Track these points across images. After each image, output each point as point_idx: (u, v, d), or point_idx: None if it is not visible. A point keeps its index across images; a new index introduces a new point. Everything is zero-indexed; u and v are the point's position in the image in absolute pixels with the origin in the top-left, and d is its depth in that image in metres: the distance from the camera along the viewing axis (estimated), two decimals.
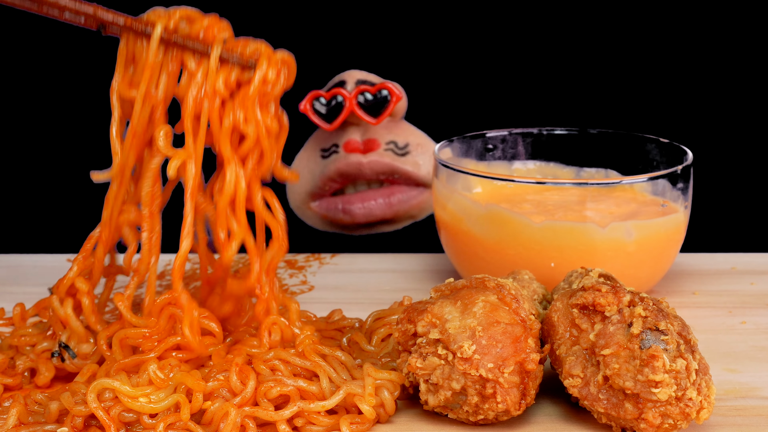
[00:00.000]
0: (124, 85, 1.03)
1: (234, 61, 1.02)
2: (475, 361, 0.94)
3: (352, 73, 1.33)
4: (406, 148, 1.30)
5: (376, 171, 1.30)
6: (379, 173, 1.30)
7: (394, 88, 1.30)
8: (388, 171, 1.30)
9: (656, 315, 0.95)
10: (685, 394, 0.93)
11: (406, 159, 1.31)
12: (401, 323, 0.99)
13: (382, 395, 0.98)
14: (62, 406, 0.98)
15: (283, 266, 1.32)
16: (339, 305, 1.21)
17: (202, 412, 0.97)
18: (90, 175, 1.05)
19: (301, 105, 1.33)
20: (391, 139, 1.31)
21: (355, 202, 1.32)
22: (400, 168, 1.31)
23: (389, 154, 1.30)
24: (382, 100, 1.30)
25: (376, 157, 1.30)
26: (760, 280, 1.28)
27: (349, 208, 1.32)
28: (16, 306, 1.16)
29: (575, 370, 0.96)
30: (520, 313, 0.97)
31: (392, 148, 1.30)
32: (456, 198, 1.21)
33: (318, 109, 1.32)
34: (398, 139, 1.31)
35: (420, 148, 1.32)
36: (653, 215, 1.19)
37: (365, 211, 1.32)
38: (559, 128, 1.32)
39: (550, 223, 1.16)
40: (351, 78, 1.33)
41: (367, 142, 1.31)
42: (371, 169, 1.30)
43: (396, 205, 1.32)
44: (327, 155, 1.32)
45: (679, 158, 1.23)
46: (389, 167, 1.30)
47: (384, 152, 1.31)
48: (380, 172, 1.30)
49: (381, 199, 1.31)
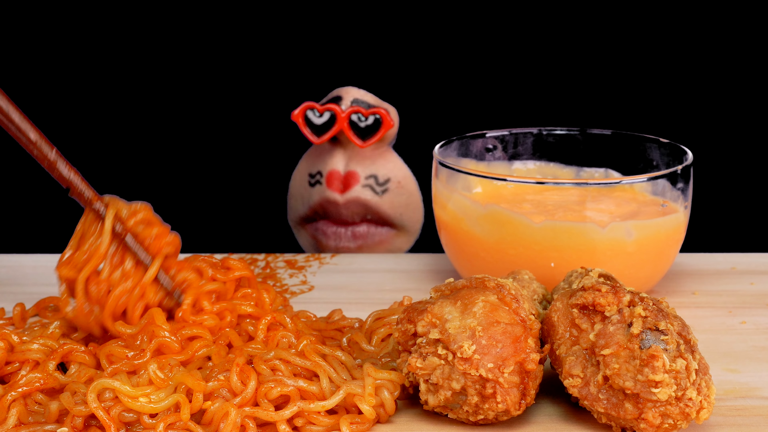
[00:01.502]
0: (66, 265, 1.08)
1: (165, 284, 1.09)
2: (475, 361, 0.94)
3: (350, 90, 1.34)
4: (385, 185, 1.33)
5: (351, 210, 1.34)
6: (354, 212, 1.34)
7: (386, 115, 1.31)
8: (362, 211, 1.34)
9: (656, 315, 0.95)
10: (685, 394, 0.93)
11: (383, 199, 1.33)
12: (401, 323, 0.99)
13: (382, 395, 0.98)
14: (62, 406, 0.98)
15: (283, 266, 1.32)
16: (339, 305, 1.21)
17: (202, 412, 0.97)
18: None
19: (293, 113, 1.33)
20: (372, 172, 1.33)
21: (330, 227, 1.36)
22: (374, 209, 1.34)
23: (367, 192, 1.33)
24: (374, 124, 1.31)
25: (353, 194, 1.33)
26: (760, 280, 1.28)
27: (325, 230, 1.36)
28: (16, 306, 1.16)
29: (575, 370, 0.96)
30: (520, 313, 0.97)
31: (371, 184, 1.33)
32: (456, 198, 1.21)
33: (311, 119, 1.33)
34: (380, 172, 1.34)
35: (399, 187, 1.34)
36: (653, 215, 1.19)
37: (334, 236, 1.36)
38: (559, 128, 1.32)
39: (550, 223, 1.16)
40: (348, 95, 1.34)
41: (348, 175, 1.34)
42: (347, 209, 1.34)
43: (360, 239, 1.35)
44: (313, 183, 1.36)
45: (679, 158, 1.23)
46: (363, 206, 1.34)
47: (362, 189, 1.33)
48: (355, 212, 1.34)
49: (349, 230, 1.35)
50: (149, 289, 1.08)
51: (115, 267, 1.08)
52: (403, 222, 1.35)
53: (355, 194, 1.33)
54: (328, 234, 1.35)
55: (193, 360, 1.03)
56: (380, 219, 1.35)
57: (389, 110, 1.34)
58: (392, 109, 1.34)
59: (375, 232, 1.35)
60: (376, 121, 1.32)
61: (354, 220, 1.35)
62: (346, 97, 1.33)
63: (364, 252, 1.36)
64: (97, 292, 1.07)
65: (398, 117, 1.35)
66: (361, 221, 1.35)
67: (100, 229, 1.07)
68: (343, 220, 1.35)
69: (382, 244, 1.37)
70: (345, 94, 1.34)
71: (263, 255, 1.34)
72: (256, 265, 1.32)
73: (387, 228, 1.36)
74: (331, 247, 1.36)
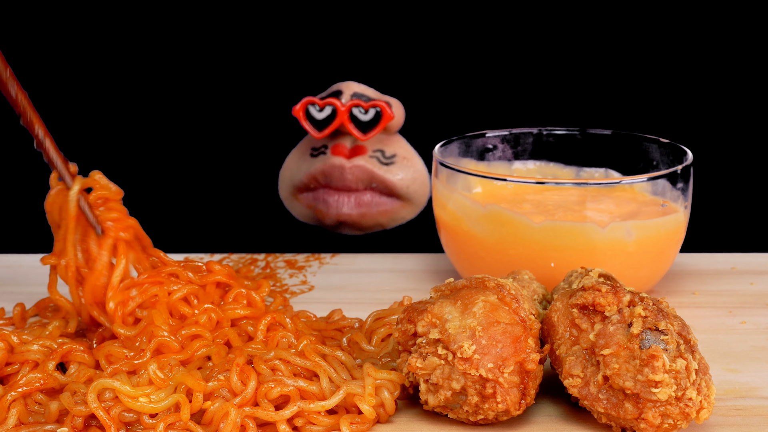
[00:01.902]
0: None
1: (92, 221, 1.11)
2: (475, 361, 0.94)
3: (350, 84, 1.34)
4: (392, 158, 1.32)
5: (356, 175, 1.32)
6: (359, 178, 1.32)
7: (386, 108, 1.31)
8: (367, 177, 1.32)
9: (656, 315, 0.95)
10: (685, 394, 0.93)
11: (389, 168, 1.33)
12: (401, 323, 0.99)
13: (382, 395, 0.98)
14: (62, 406, 0.98)
15: (283, 266, 1.32)
16: (339, 305, 1.21)
17: (202, 412, 0.97)
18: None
19: (294, 108, 1.33)
20: (379, 147, 1.32)
21: (332, 195, 1.34)
22: (380, 176, 1.33)
23: (373, 161, 1.32)
24: (374, 117, 1.31)
25: (359, 161, 1.32)
26: (760, 280, 1.28)
27: (326, 199, 1.34)
28: (16, 306, 1.16)
29: (575, 370, 0.96)
30: (520, 313, 0.97)
31: (378, 156, 1.32)
32: (456, 198, 1.21)
33: (312, 114, 1.33)
34: (386, 148, 1.33)
35: (406, 161, 1.33)
36: (653, 215, 1.19)
37: (336, 204, 1.33)
38: (559, 128, 1.32)
39: (550, 223, 1.16)
40: (348, 89, 1.33)
41: (355, 147, 1.33)
42: (352, 174, 1.32)
43: (364, 207, 1.33)
44: (316, 154, 1.34)
45: (679, 158, 1.23)
46: (369, 174, 1.32)
47: (369, 158, 1.32)
48: (360, 178, 1.32)
49: (352, 197, 1.33)
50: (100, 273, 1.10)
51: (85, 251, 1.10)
52: (409, 194, 1.33)
53: (362, 161, 1.32)
54: (329, 202, 1.33)
55: (193, 360, 1.03)
56: (386, 189, 1.33)
57: (391, 103, 1.33)
58: (395, 101, 1.34)
59: (380, 201, 1.33)
60: (377, 114, 1.31)
61: (358, 187, 1.33)
62: (346, 91, 1.34)
63: (365, 221, 1.35)
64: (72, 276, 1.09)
65: (403, 109, 1.34)
66: (365, 189, 1.34)
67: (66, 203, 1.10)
68: (346, 187, 1.33)
69: (386, 215, 1.35)
70: (345, 89, 1.34)
71: (263, 255, 1.34)
72: (256, 265, 1.32)
73: (393, 198, 1.35)
74: (332, 215, 1.34)
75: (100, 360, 1.03)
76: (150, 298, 1.08)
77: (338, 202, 1.33)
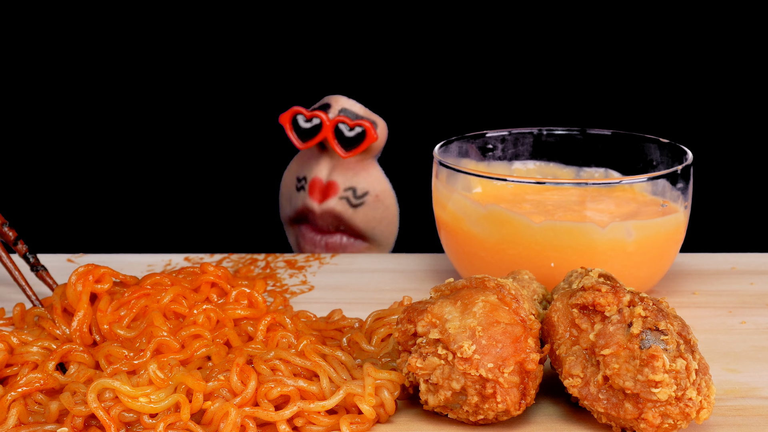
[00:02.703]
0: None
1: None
2: (475, 361, 0.94)
3: (339, 99, 1.34)
4: (362, 198, 1.35)
5: (326, 220, 1.36)
6: (329, 222, 1.36)
7: (371, 128, 1.32)
8: (336, 222, 1.36)
9: (656, 315, 0.95)
10: (685, 394, 0.93)
11: (357, 211, 1.34)
12: (401, 323, 0.99)
13: (382, 395, 0.98)
14: (62, 406, 0.98)
15: (283, 266, 1.32)
16: (339, 305, 1.21)
17: (202, 412, 0.97)
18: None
19: (281, 116, 1.34)
20: (352, 184, 1.35)
21: (309, 232, 1.38)
22: (347, 220, 1.36)
23: (343, 203, 1.35)
24: (359, 135, 1.32)
25: (329, 206, 1.35)
26: (760, 280, 1.28)
27: (305, 234, 1.38)
28: (16, 306, 1.16)
29: (575, 370, 0.96)
30: (520, 313, 0.97)
31: (348, 197, 1.35)
32: (456, 198, 1.21)
33: (300, 124, 1.34)
34: (360, 185, 1.36)
35: (376, 200, 1.36)
36: (653, 215, 1.19)
37: (311, 243, 1.38)
38: (559, 128, 1.32)
39: (550, 223, 1.16)
40: (336, 104, 1.34)
41: (329, 185, 1.36)
42: (322, 219, 1.36)
43: (332, 250, 1.38)
44: (299, 188, 1.38)
45: (679, 158, 1.23)
46: (337, 218, 1.36)
47: (338, 200, 1.35)
48: (329, 222, 1.36)
49: (323, 240, 1.38)
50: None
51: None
52: (375, 236, 1.37)
53: (331, 206, 1.35)
54: (307, 239, 1.38)
55: (193, 360, 1.03)
56: (353, 231, 1.36)
57: (377, 123, 1.34)
58: (381, 122, 1.34)
59: (346, 244, 1.37)
60: (361, 132, 1.32)
61: (329, 229, 1.37)
62: (335, 105, 1.34)
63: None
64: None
65: (387, 130, 1.35)
66: (335, 231, 1.37)
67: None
68: (319, 228, 1.37)
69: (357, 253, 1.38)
70: (334, 103, 1.34)
71: (263, 255, 1.34)
72: (256, 265, 1.32)
73: (360, 241, 1.37)
74: (308, 251, 1.38)
75: (99, 360, 1.03)
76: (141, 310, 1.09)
77: (312, 240, 1.38)
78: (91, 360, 1.04)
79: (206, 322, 1.08)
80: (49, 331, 1.09)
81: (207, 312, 1.08)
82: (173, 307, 1.08)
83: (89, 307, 1.08)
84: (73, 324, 1.07)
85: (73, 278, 1.09)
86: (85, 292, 1.09)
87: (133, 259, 1.32)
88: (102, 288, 1.09)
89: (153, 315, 1.06)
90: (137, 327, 1.06)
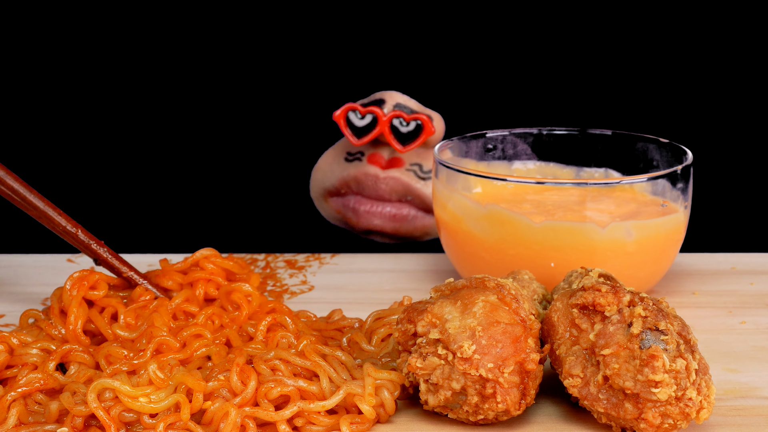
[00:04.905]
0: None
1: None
2: (475, 361, 0.94)
3: (393, 94, 1.32)
4: (429, 173, 1.30)
5: (390, 186, 1.30)
6: (393, 189, 1.30)
7: (428, 122, 1.29)
8: (402, 190, 1.30)
9: (656, 315, 0.95)
10: (685, 394, 0.93)
11: (426, 183, 1.31)
12: (401, 323, 0.99)
13: (382, 395, 0.98)
14: (62, 406, 0.98)
15: (283, 266, 1.32)
16: (339, 305, 1.21)
17: (202, 412, 0.97)
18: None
19: (335, 113, 1.32)
20: (417, 161, 1.31)
21: (363, 204, 1.32)
22: (416, 189, 1.31)
23: (410, 174, 1.30)
24: (415, 129, 1.29)
25: (395, 173, 1.30)
26: (760, 280, 1.28)
27: (357, 208, 1.32)
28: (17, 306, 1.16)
29: (575, 370, 0.96)
30: (520, 313, 0.97)
31: (415, 170, 1.30)
32: (456, 198, 1.21)
33: (352, 121, 1.31)
34: (425, 163, 1.31)
35: None
36: (653, 215, 1.19)
37: (367, 215, 1.32)
38: (559, 128, 1.32)
39: (550, 223, 1.16)
40: (391, 99, 1.31)
41: (393, 159, 1.31)
42: (386, 184, 1.30)
43: (398, 221, 1.32)
44: (351, 159, 1.32)
45: (679, 158, 1.23)
46: (405, 187, 1.30)
47: (405, 171, 1.30)
48: (394, 189, 1.30)
49: (388, 208, 1.31)
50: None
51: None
52: None
53: (398, 173, 1.30)
54: (360, 212, 1.31)
55: (193, 359, 1.03)
56: (422, 203, 1.31)
57: (433, 117, 1.32)
58: (437, 116, 1.32)
59: (416, 216, 1.31)
60: (418, 126, 1.30)
61: (391, 198, 1.31)
62: (389, 100, 1.32)
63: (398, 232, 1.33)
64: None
65: (443, 123, 1.33)
66: (398, 201, 1.32)
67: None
68: (379, 197, 1.31)
69: (422, 229, 1.34)
70: (388, 98, 1.32)
71: (263, 255, 1.34)
72: (256, 265, 1.32)
73: (429, 215, 1.32)
74: (362, 225, 1.33)
75: (99, 360, 1.03)
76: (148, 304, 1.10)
77: (369, 213, 1.31)
78: (91, 360, 1.04)
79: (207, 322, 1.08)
80: (46, 332, 1.09)
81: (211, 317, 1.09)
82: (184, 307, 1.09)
83: (80, 311, 1.08)
84: (69, 327, 1.08)
85: (68, 284, 1.09)
86: (78, 297, 1.09)
87: (133, 259, 1.32)
88: (96, 295, 1.10)
89: (153, 316, 1.06)
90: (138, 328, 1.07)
